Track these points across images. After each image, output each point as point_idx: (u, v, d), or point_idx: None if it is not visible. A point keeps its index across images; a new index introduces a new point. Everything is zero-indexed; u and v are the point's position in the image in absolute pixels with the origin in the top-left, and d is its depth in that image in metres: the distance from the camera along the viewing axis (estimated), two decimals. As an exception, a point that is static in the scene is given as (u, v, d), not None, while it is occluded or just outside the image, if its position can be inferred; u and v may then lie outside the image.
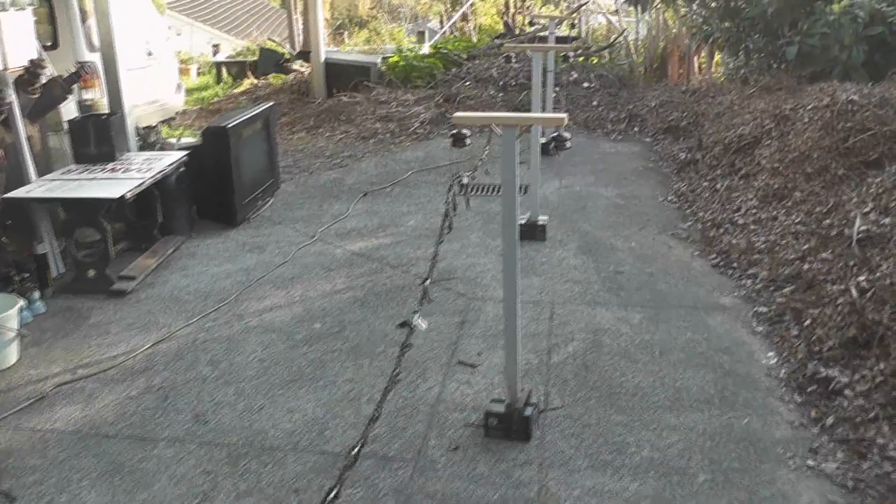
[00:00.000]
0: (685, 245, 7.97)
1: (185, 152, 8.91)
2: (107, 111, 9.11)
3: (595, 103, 14.01)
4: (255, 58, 21.61)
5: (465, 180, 7.18)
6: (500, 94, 14.33)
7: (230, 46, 26.55)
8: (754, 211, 8.23)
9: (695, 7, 14.22)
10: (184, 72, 25.53)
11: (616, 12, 21.86)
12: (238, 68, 22.61)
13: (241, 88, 18.83)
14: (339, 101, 14.95)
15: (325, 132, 13.70)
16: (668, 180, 10.21)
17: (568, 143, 4.51)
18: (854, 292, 5.55)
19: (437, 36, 29.99)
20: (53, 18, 11.08)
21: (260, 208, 9.55)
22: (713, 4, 13.55)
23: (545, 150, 10.97)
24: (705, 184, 9.45)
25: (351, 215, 9.34)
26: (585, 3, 22.72)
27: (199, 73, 26.21)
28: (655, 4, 15.67)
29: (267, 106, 10.10)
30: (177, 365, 5.96)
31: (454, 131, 4.54)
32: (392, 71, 15.92)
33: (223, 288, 7.37)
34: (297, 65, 18.63)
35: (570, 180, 10.34)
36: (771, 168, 8.60)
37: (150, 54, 12.96)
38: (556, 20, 12.49)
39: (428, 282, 4.74)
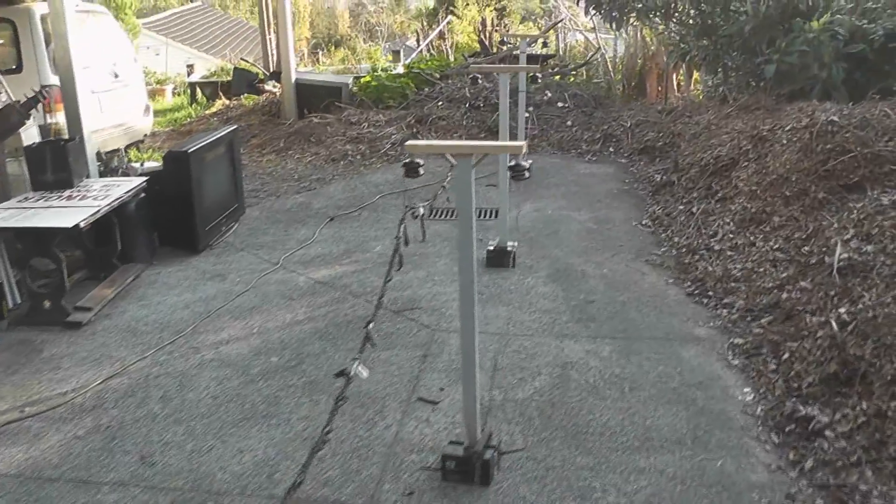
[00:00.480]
0: (659, 272, 7.73)
1: (143, 179, 8.66)
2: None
3: (569, 123, 13.79)
4: (230, 78, 21.32)
5: (421, 210, 6.89)
6: (473, 114, 14.05)
7: (206, 66, 26.25)
8: (731, 236, 7.99)
9: (672, 25, 13.99)
10: (159, 92, 25.37)
11: (593, 30, 21.64)
12: (212, 89, 22.32)
13: (214, 109, 18.58)
14: (309, 122, 14.70)
15: (294, 154, 13.45)
16: (644, 203, 9.99)
17: (527, 174, 4.26)
18: (835, 325, 5.31)
19: (414, 54, 29.80)
20: (17, 41, 10.81)
21: (224, 234, 9.29)
22: (690, 22, 13.33)
23: (513, 171, 10.74)
24: (681, 207, 9.21)
25: (316, 241, 9.09)
26: (560, 21, 22.55)
27: (174, 94, 25.96)
28: (631, 22, 15.43)
29: (231, 129, 9.84)
30: (127, 402, 5.69)
31: (406, 160, 4.28)
32: (364, 91, 15.66)
33: (181, 319, 7.10)
34: (269, 85, 18.37)
35: (542, 203, 10.10)
36: (748, 191, 8.36)
37: (116, 76, 12.71)
38: (528, 39, 12.21)
39: (371, 325, 4.38)
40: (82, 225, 7.12)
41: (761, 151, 8.80)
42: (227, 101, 18.97)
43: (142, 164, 10.25)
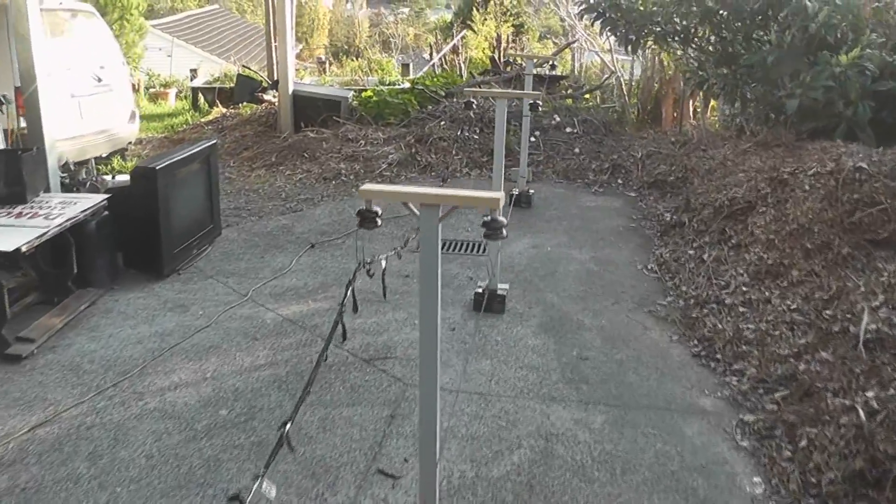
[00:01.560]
0: (663, 326, 7.02)
1: (105, 196, 7.95)
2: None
3: (577, 151, 13.08)
4: (233, 84, 20.62)
5: (383, 263, 6.12)
6: (475, 136, 13.34)
7: (215, 70, 25.51)
8: (744, 289, 7.28)
9: (690, 51, 13.26)
10: (162, 95, 24.73)
11: (610, 51, 20.95)
12: (214, 94, 21.67)
13: (210, 117, 17.86)
14: (305, 136, 13.99)
15: (286, 170, 12.74)
16: (651, 244, 9.29)
17: (504, 232, 3.50)
18: (861, 413, 4.58)
19: (424, 68, 29.10)
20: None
21: (194, 258, 8.60)
22: (710, 49, 12.60)
23: (517, 202, 10.03)
24: (691, 252, 8.50)
25: (293, 270, 8.41)
26: (572, 43, 21.89)
27: (177, 98, 25.32)
28: (648, 45, 14.72)
29: (208, 144, 9.10)
30: (52, 457, 5.01)
31: (361, 208, 3.57)
32: (364, 106, 14.96)
33: (130, 357, 6.42)
34: (270, 94, 17.65)
35: (542, 238, 9.41)
36: (766, 240, 7.65)
37: (99, 80, 12.01)
38: (536, 60, 11.49)
39: (288, 426, 3.50)
40: (24, 249, 6.43)
41: (781, 196, 8.07)
42: (224, 110, 18.26)
43: (113, 178, 9.58)
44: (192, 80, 24.74)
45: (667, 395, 5.82)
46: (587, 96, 17.21)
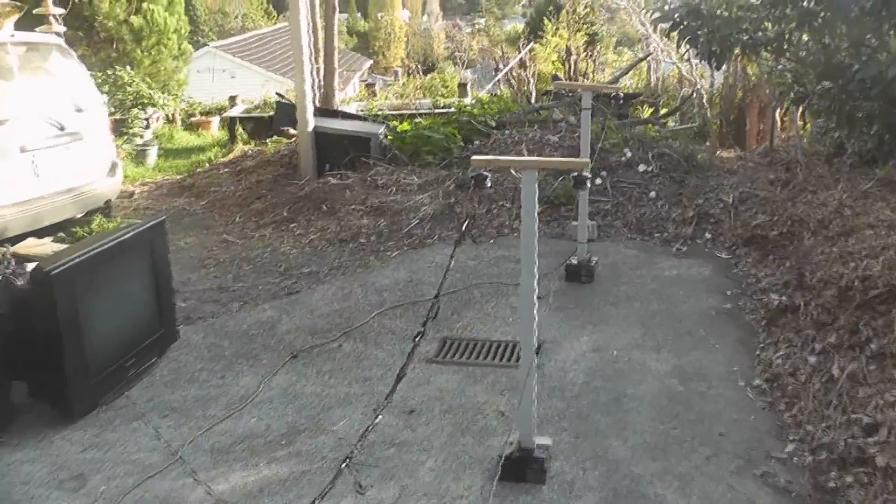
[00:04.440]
0: (785, 510, 4.52)
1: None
2: None
3: (653, 195, 10.49)
4: (272, 112, 18.42)
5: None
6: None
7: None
8: (904, 434, 4.75)
9: (784, 61, 10.66)
10: (204, 125, 22.61)
11: (689, 59, 18.66)
12: (254, 124, 19.57)
13: (231, 156, 15.58)
14: (325, 183, 11.62)
15: (296, 228, 10.41)
16: (754, 339, 6.81)
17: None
18: None
19: (489, 85, 26.73)
20: None
21: (129, 382, 6.26)
22: (810, 59, 9.96)
23: (574, 275, 7.66)
24: (812, 360, 6.00)
25: (257, 402, 6.06)
26: (645, 58, 19.55)
27: (221, 126, 23.24)
28: (735, 57, 12.24)
29: (152, 223, 6.74)
30: None
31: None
32: (400, 143, 12.53)
33: None
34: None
35: (607, 335, 6.99)
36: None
37: (62, 129, 9.73)
38: (593, 90, 8.93)
39: None
40: None
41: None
42: (245, 147, 16.03)
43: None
44: (231, 107, 22.59)
45: None
46: (662, 122, 14.69)
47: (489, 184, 4.57)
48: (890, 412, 5.05)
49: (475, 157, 4.62)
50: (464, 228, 4.47)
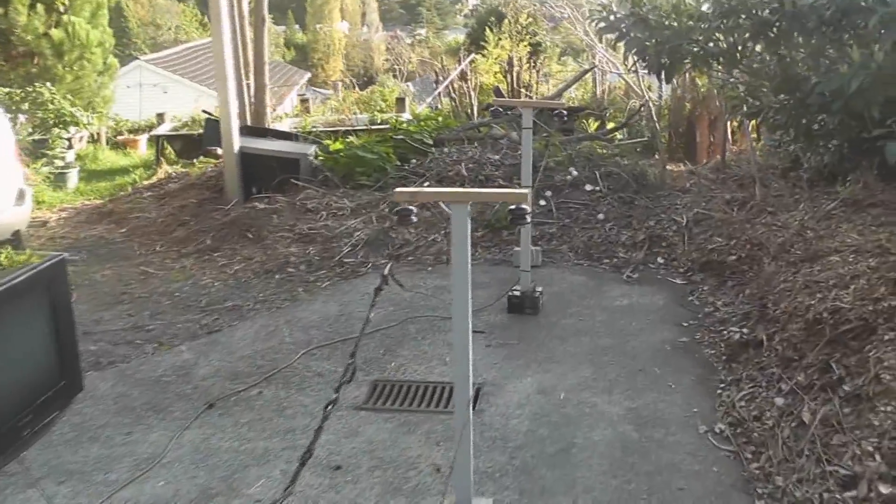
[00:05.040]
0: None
1: None
2: None
3: (601, 217, 10.11)
4: (202, 131, 17.89)
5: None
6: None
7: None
8: (883, 489, 4.37)
9: (736, 73, 10.34)
10: (131, 144, 22.00)
11: (636, 71, 18.38)
12: (183, 143, 19.03)
13: (155, 179, 15.04)
14: (253, 208, 11.10)
15: (220, 259, 9.91)
16: (713, 376, 6.41)
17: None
18: None
19: (429, 98, 26.33)
20: None
21: (25, 442, 5.71)
22: (764, 71, 9.63)
23: (518, 307, 7.26)
24: (780, 401, 5.63)
25: (166, 462, 5.55)
26: (589, 71, 19.28)
27: (149, 145, 22.62)
28: (685, 70, 11.94)
29: (49, 262, 6.21)
30: None
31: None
32: (333, 163, 12.06)
33: None
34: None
35: (553, 374, 6.57)
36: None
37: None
38: (534, 107, 8.51)
39: None
40: None
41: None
42: (170, 169, 15.48)
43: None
44: (158, 125, 22.00)
45: None
46: (608, 136, 14.34)
47: (415, 219, 4.11)
48: (869, 463, 4.66)
49: (398, 190, 4.16)
50: (386, 272, 3.90)
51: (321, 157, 12.30)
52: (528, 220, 3.78)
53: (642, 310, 7.86)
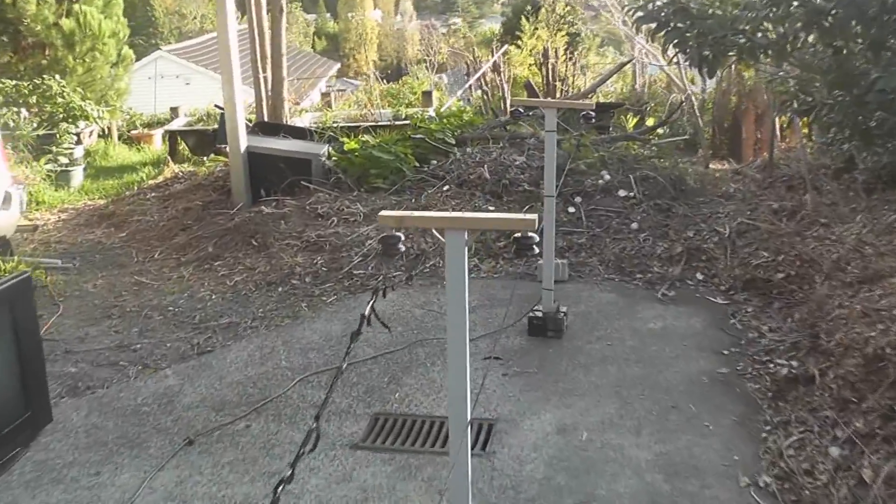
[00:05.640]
0: None
1: None
2: None
3: (635, 226, 9.53)
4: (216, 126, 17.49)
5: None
6: (491, 207, 9.90)
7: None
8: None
9: (786, 67, 9.77)
10: (145, 139, 21.60)
11: (677, 63, 17.92)
12: (196, 138, 18.63)
13: (161, 178, 14.61)
14: (259, 212, 10.59)
15: (221, 268, 9.42)
16: (757, 416, 5.84)
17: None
18: None
19: (459, 91, 25.81)
20: None
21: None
22: (818, 64, 9.06)
23: (539, 329, 6.71)
24: (835, 452, 5.05)
25: (135, 508, 4.99)
26: (627, 63, 18.74)
27: (164, 140, 22.21)
28: (730, 64, 11.40)
29: (11, 281, 5.70)
30: None
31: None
32: (347, 164, 11.53)
33: None
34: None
35: (575, 410, 6.03)
36: None
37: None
38: (558, 107, 7.93)
39: None
40: None
41: None
42: (176, 169, 15.00)
43: None
44: (171, 119, 21.58)
45: None
46: (649, 136, 13.77)
47: (402, 248, 3.56)
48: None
49: (382, 213, 3.61)
50: (371, 303, 3.35)
51: (334, 158, 11.76)
52: (537, 249, 3.36)
53: (677, 334, 7.28)
